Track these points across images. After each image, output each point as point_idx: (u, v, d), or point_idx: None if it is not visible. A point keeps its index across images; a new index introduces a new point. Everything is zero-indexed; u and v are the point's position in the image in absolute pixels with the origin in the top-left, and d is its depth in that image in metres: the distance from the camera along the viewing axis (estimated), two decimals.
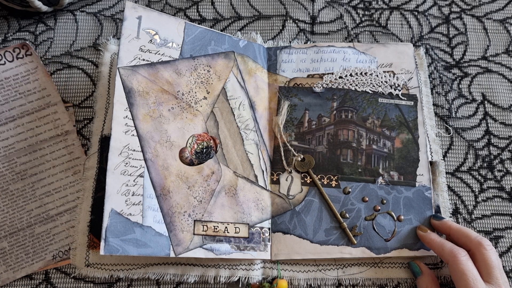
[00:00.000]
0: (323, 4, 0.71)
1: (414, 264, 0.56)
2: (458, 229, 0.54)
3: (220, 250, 0.55)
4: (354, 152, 0.60)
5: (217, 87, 0.60)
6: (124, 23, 0.58)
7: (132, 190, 0.53)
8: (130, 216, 0.52)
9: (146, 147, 0.55)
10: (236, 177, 0.58)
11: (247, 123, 0.60)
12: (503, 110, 0.66)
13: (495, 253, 0.51)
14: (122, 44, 0.57)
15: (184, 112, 0.58)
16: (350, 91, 0.63)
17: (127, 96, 0.56)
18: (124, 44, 0.58)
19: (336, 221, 0.57)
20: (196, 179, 0.56)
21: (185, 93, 0.58)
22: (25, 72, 0.64)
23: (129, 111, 0.55)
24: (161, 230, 0.53)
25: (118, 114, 0.55)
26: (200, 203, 0.55)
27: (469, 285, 0.47)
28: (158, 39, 0.59)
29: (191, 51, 0.61)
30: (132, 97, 0.56)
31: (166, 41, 0.59)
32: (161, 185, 0.54)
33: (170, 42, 0.60)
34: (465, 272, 0.48)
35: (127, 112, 0.55)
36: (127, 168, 0.54)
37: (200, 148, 0.57)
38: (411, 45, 0.65)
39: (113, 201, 0.52)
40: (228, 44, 0.63)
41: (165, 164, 0.55)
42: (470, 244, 0.52)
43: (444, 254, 0.51)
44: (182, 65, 0.59)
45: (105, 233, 0.51)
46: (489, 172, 0.63)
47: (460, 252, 0.50)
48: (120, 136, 0.54)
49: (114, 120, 0.54)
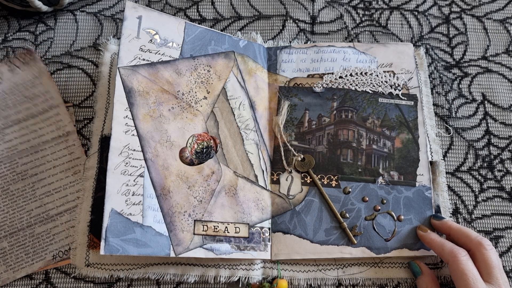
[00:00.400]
0: (323, 4, 0.71)
1: (414, 264, 0.56)
2: (458, 229, 0.54)
3: (220, 250, 0.54)
4: (354, 152, 0.60)
5: (217, 87, 0.60)
6: (124, 23, 0.58)
7: (132, 190, 0.53)
8: (130, 216, 0.52)
9: (146, 147, 0.55)
10: (236, 177, 0.58)
11: (247, 123, 0.60)
12: (503, 110, 0.66)
13: (495, 253, 0.51)
14: (122, 44, 0.57)
15: (184, 112, 0.58)
16: (350, 91, 0.63)
17: (127, 96, 0.56)
18: (124, 44, 0.57)
19: (336, 221, 0.57)
20: (196, 179, 0.56)
21: (185, 93, 0.58)
22: (32, 77, 0.65)
23: (129, 111, 0.55)
24: (161, 230, 0.53)
25: (118, 114, 0.55)
26: (200, 203, 0.55)
27: (469, 285, 0.47)
28: (158, 38, 0.59)
29: (191, 51, 0.60)
30: (132, 97, 0.56)
31: (166, 41, 0.59)
32: (161, 185, 0.54)
33: (170, 42, 0.60)
34: (465, 272, 0.48)
35: (127, 112, 0.55)
36: (127, 168, 0.54)
37: (200, 148, 0.57)
38: (411, 45, 0.65)
39: (113, 201, 0.52)
40: (228, 44, 0.63)
41: (165, 164, 0.55)
42: (470, 244, 0.51)
43: (444, 254, 0.51)
44: (182, 65, 0.59)
45: (105, 233, 0.51)
46: (489, 172, 0.63)
47: (460, 252, 0.50)
48: (120, 136, 0.54)
49: (114, 120, 0.54)
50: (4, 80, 0.64)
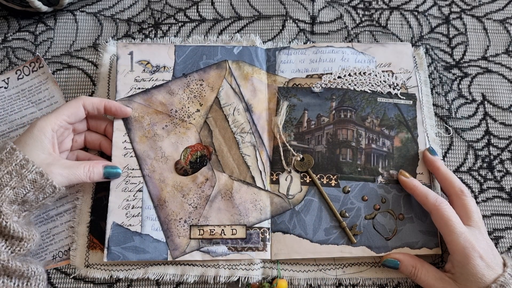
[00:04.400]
0: (323, 4, 0.71)
1: (388, 260, 0.55)
2: (445, 172, 0.57)
3: (216, 252, 0.56)
4: (353, 151, 0.60)
5: (210, 98, 0.62)
6: (119, 61, 0.63)
7: (132, 203, 0.58)
8: (130, 226, 0.57)
9: (143, 164, 0.59)
10: (232, 181, 0.59)
11: (242, 127, 0.61)
12: (503, 110, 0.66)
13: (473, 200, 0.54)
14: (119, 79, 0.62)
15: (177, 127, 0.61)
16: (349, 91, 0.63)
17: (125, 123, 0.60)
18: (120, 79, 0.62)
19: (336, 220, 0.57)
20: (190, 187, 0.58)
21: (178, 110, 0.61)
22: (38, 83, 0.66)
23: (127, 136, 0.60)
24: (158, 237, 0.57)
25: (117, 140, 0.60)
26: (195, 209, 0.58)
27: (455, 229, 0.51)
28: (150, 67, 0.63)
29: (183, 70, 0.63)
30: (129, 123, 0.61)
31: (158, 67, 0.63)
32: (157, 196, 0.58)
33: (162, 67, 0.63)
34: (450, 218, 0.51)
35: (126, 137, 0.60)
36: (127, 185, 0.58)
37: (194, 158, 0.59)
38: (409, 44, 0.65)
39: (115, 215, 0.57)
40: (221, 54, 0.64)
41: (162, 177, 0.59)
42: (451, 189, 0.55)
43: (428, 203, 0.54)
44: (175, 85, 0.62)
45: (107, 243, 0.56)
46: (489, 172, 0.63)
47: (444, 201, 0.53)
48: (120, 160, 0.59)
49: (114, 145, 0.59)
50: (11, 86, 0.65)
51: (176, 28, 0.70)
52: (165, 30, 0.69)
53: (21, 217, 0.51)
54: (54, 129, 0.53)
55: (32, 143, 0.52)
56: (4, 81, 0.65)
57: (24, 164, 0.50)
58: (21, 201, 0.50)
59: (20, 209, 0.51)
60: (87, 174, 0.54)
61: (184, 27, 0.70)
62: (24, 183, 0.49)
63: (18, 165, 0.50)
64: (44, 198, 0.51)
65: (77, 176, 0.53)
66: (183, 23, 0.70)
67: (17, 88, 0.65)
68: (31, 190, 0.50)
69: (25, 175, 0.50)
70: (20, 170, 0.50)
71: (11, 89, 0.65)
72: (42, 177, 0.50)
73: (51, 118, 0.54)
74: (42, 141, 0.52)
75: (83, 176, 0.54)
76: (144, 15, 0.70)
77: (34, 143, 0.52)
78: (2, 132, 0.63)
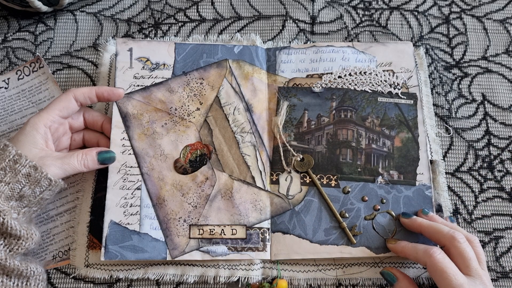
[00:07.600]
0: (323, 4, 0.71)
1: (386, 272, 0.53)
2: (429, 225, 0.52)
3: (216, 252, 0.56)
4: (353, 151, 0.60)
5: (210, 97, 0.62)
6: (117, 58, 0.62)
7: (130, 202, 0.57)
8: (128, 225, 0.56)
9: (142, 162, 0.59)
10: (232, 180, 0.58)
11: (242, 126, 0.61)
12: (503, 110, 0.66)
13: (469, 245, 0.49)
14: (118, 76, 0.61)
15: (176, 126, 0.60)
16: (349, 91, 0.62)
17: (123, 120, 0.60)
18: (119, 76, 0.62)
19: (336, 220, 0.57)
20: (190, 186, 0.58)
21: (178, 108, 0.61)
22: (38, 83, 0.66)
23: (126, 133, 0.59)
24: (157, 236, 0.56)
25: (115, 137, 0.59)
26: (195, 208, 0.57)
27: (451, 281, 0.46)
28: (150, 64, 0.62)
29: (183, 68, 0.63)
30: (128, 120, 0.60)
31: (158, 65, 0.63)
32: (156, 195, 0.58)
33: (161, 64, 0.63)
34: (445, 269, 0.47)
35: (124, 134, 0.59)
36: (125, 183, 0.58)
37: (194, 156, 0.59)
38: (410, 43, 0.65)
39: (113, 213, 0.57)
40: (222, 53, 0.64)
41: (161, 175, 0.58)
42: (443, 239, 0.50)
43: (419, 256, 0.50)
44: (175, 83, 0.62)
45: (105, 242, 0.55)
46: (489, 172, 0.63)
47: (435, 250, 0.49)
48: (118, 157, 0.58)
49: (112, 143, 0.59)
50: (11, 86, 0.65)
51: (176, 28, 0.70)
52: (165, 30, 0.69)
53: (21, 214, 0.51)
54: (46, 125, 0.53)
55: (24, 139, 0.52)
56: (5, 82, 0.65)
57: (17, 159, 0.50)
58: (18, 197, 0.50)
59: (19, 205, 0.50)
60: (81, 162, 0.53)
61: (184, 27, 0.70)
62: (19, 178, 0.49)
63: (12, 161, 0.50)
64: (42, 192, 0.51)
65: (72, 165, 0.53)
66: (183, 23, 0.70)
67: (17, 89, 0.65)
68: (26, 184, 0.50)
69: (19, 169, 0.50)
70: (13, 166, 0.50)
71: (12, 89, 0.65)
72: (36, 170, 0.50)
73: (42, 114, 0.54)
74: (34, 137, 0.52)
75: (77, 164, 0.53)
76: (144, 15, 0.70)
77: (26, 139, 0.52)
78: (3, 132, 0.63)
